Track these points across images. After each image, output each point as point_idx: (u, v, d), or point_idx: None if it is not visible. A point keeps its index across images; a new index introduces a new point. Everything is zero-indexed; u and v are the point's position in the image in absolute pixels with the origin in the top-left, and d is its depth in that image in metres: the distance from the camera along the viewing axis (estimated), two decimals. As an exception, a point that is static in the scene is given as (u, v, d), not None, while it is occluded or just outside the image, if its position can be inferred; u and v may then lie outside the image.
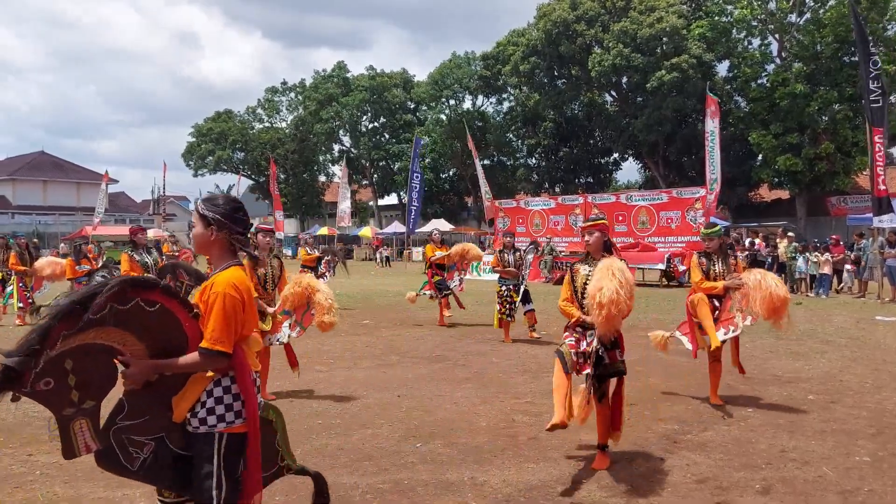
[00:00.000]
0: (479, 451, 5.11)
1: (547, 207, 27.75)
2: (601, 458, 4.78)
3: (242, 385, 2.77)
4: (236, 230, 2.90)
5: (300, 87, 57.60)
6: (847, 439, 5.38)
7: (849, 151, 31.09)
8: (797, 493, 4.30)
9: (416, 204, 32.31)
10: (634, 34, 34.46)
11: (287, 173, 56.20)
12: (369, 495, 4.28)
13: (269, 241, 6.73)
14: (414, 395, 6.88)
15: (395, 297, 18.26)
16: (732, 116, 35.37)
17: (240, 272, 2.83)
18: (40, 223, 52.27)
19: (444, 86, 48.35)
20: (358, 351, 9.62)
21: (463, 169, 48.37)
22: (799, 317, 13.42)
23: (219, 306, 2.70)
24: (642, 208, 23.83)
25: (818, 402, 6.58)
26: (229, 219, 2.89)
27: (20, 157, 65.00)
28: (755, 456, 4.99)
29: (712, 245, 6.55)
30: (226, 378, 2.77)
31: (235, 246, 2.92)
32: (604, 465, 4.72)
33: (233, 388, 2.77)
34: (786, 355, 9.10)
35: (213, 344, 2.67)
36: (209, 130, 58.22)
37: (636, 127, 36.72)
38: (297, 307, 6.53)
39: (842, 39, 30.31)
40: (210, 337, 2.67)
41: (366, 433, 5.57)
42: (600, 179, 46.61)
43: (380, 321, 13.04)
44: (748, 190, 37.87)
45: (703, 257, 6.61)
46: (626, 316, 4.58)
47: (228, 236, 2.89)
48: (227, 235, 2.89)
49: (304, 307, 6.53)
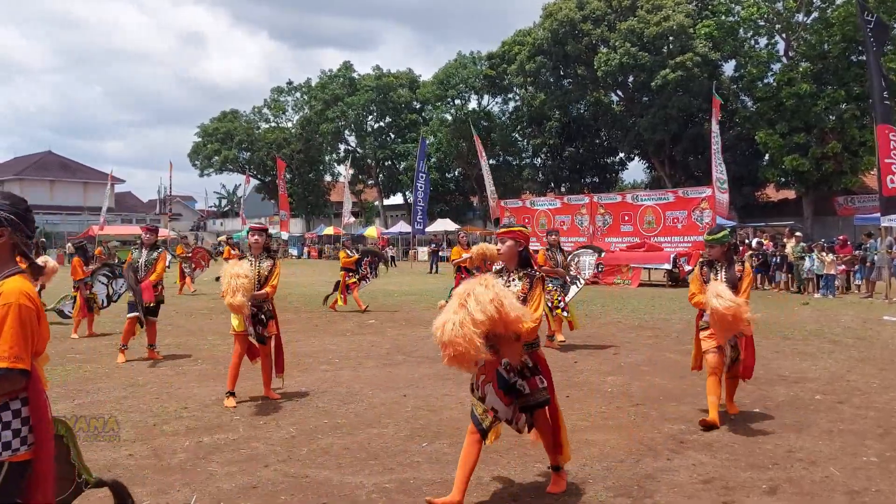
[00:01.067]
0: (485, 451, 5.08)
1: (552, 207, 27.74)
2: (556, 481, 4.34)
3: (35, 407, 2.47)
4: (27, 233, 2.62)
5: (306, 87, 57.70)
6: (854, 439, 5.36)
7: (856, 151, 30.96)
8: (804, 494, 4.28)
9: (421, 204, 32.33)
10: (641, 33, 34.41)
11: (293, 173, 56.30)
12: (375, 495, 4.28)
13: (257, 239, 6.64)
14: (419, 395, 6.88)
15: (400, 296, 18.26)
16: (739, 116, 35.28)
17: (27, 281, 2.52)
18: (47, 223, 52.50)
19: (450, 86, 48.37)
20: (363, 350, 9.63)
21: (468, 169, 48.37)
22: (806, 317, 13.38)
23: (13, 318, 2.37)
24: (648, 208, 23.80)
25: (825, 402, 6.55)
26: (22, 219, 2.60)
27: (27, 157, 65.34)
28: (762, 456, 4.97)
29: (714, 253, 5.93)
30: (16, 401, 2.45)
31: (20, 251, 2.59)
32: (559, 488, 4.29)
33: (23, 412, 2.46)
34: (792, 355, 9.06)
35: (11, 362, 2.34)
36: (215, 130, 58.43)
37: (642, 126, 36.66)
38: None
39: (849, 38, 30.18)
40: (6, 354, 2.33)
41: (371, 432, 5.57)
42: (606, 179, 46.56)
43: (385, 321, 13.04)
44: (754, 190, 37.76)
45: (705, 266, 6.03)
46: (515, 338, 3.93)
47: (18, 239, 2.58)
48: (17, 238, 2.58)
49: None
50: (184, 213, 74.34)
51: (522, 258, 4.32)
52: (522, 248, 4.33)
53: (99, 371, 8.07)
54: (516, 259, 4.30)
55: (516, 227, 4.39)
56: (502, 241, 4.35)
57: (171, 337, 10.64)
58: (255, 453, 5.04)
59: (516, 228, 4.38)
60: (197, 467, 4.72)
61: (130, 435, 5.45)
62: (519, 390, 4.17)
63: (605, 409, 6.30)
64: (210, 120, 60.51)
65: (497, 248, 4.44)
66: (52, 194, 60.78)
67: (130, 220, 57.71)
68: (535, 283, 4.20)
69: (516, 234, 4.32)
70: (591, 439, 5.35)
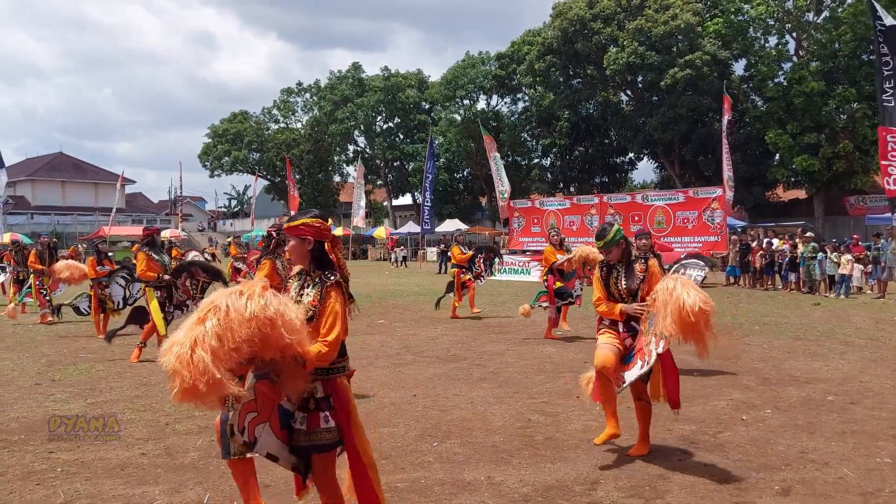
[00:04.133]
0: (496, 451, 5.11)
1: (562, 207, 27.69)
2: None
3: None
4: None
5: (315, 88, 57.86)
6: (868, 440, 5.33)
7: (867, 150, 30.77)
8: (817, 495, 4.26)
9: (428, 203, 32.35)
10: (649, 32, 34.33)
11: (302, 174, 56.47)
12: (387, 494, 4.27)
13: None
14: (430, 395, 6.89)
15: (410, 296, 18.27)
16: (749, 115, 35.11)
17: None
18: (59, 223, 52.90)
19: (458, 86, 48.40)
20: (373, 350, 9.65)
21: (477, 169, 48.37)
22: (817, 317, 13.30)
23: None
24: (658, 208, 23.74)
25: (838, 402, 6.51)
26: None
27: (39, 158, 65.83)
28: (774, 457, 4.95)
29: (613, 256, 5.03)
30: None
31: None
32: None
33: None
34: (804, 356, 9.02)
35: None
36: (225, 131, 58.65)
37: (652, 126, 36.57)
38: None
39: (860, 37, 30.01)
40: None
41: (382, 432, 5.58)
42: (616, 179, 46.48)
43: (395, 320, 13.06)
44: (765, 190, 37.60)
45: (604, 267, 5.14)
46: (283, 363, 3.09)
47: None
48: None
49: None
50: (194, 213, 74.68)
51: (316, 258, 3.37)
52: (313, 246, 3.36)
53: (112, 370, 8.12)
54: (308, 259, 3.38)
55: (300, 221, 3.38)
56: (287, 240, 3.44)
57: (183, 337, 10.67)
58: (266, 452, 5.05)
59: (299, 222, 3.37)
60: (210, 466, 4.74)
61: (143, 434, 5.49)
62: (296, 428, 3.26)
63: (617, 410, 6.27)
64: (220, 121, 60.75)
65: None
66: (64, 195, 61.22)
67: (141, 221, 57.96)
68: (326, 291, 3.24)
69: (303, 231, 3.34)
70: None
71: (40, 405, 6.45)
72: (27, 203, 58.77)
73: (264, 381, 3.21)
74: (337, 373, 3.31)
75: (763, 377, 7.64)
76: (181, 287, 9.10)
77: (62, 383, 7.37)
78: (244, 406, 3.13)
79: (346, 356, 3.39)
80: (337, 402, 3.27)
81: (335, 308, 3.22)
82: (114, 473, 4.61)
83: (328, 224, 3.44)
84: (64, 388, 7.11)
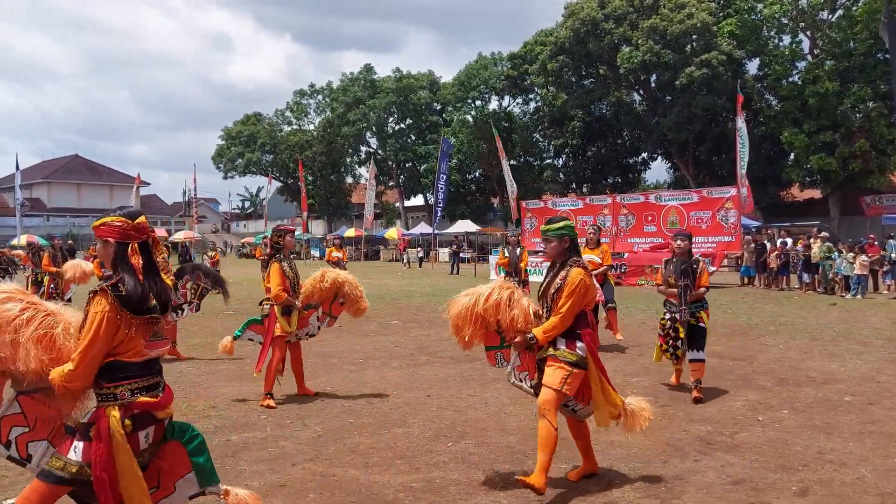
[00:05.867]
0: (511, 451, 5.11)
1: (575, 208, 27.58)
2: None
3: None
4: None
5: (328, 89, 58.08)
6: (886, 441, 5.28)
7: (884, 149, 30.50)
8: (835, 496, 4.23)
9: (441, 204, 32.39)
10: (664, 31, 34.22)
11: (315, 175, 56.69)
12: (402, 494, 4.30)
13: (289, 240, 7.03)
14: (444, 395, 6.89)
15: (422, 297, 18.29)
16: (763, 115, 34.88)
17: None
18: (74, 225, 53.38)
19: (471, 87, 48.41)
20: (388, 351, 9.67)
21: (489, 170, 48.36)
22: (834, 318, 13.20)
23: None
24: (672, 208, 23.62)
25: (855, 403, 6.46)
26: None
27: (55, 161, 66.48)
28: (791, 457, 4.92)
29: (551, 250, 4.40)
30: None
31: None
32: None
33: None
34: (820, 356, 8.95)
35: None
36: (238, 133, 59.03)
37: (665, 126, 36.43)
38: (324, 300, 6.95)
39: (875, 35, 29.75)
40: None
41: (397, 432, 5.59)
42: (629, 179, 46.31)
43: (408, 321, 13.08)
44: (779, 189, 37.34)
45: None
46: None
47: None
48: None
49: (332, 298, 6.97)
50: (208, 215, 75.12)
51: (117, 262, 2.91)
52: (115, 248, 2.91)
53: (128, 371, 8.17)
54: (111, 259, 2.93)
55: (101, 220, 2.97)
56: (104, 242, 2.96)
57: (199, 337, 10.76)
58: (282, 452, 5.09)
59: (100, 221, 2.97)
60: (226, 465, 4.77)
61: (160, 433, 5.52)
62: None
63: (631, 410, 6.26)
64: (233, 123, 61.21)
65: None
66: (79, 197, 61.77)
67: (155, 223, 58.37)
68: (91, 300, 2.79)
69: (100, 231, 2.95)
70: (618, 440, 5.32)
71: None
72: (43, 205, 59.35)
73: (33, 396, 2.90)
74: (105, 400, 2.78)
75: (779, 377, 7.60)
76: (181, 289, 9.15)
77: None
78: (5, 419, 2.86)
79: (127, 381, 2.80)
80: (95, 436, 2.74)
81: (93, 319, 2.72)
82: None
83: (136, 223, 2.95)
84: (81, 388, 7.16)
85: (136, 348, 2.80)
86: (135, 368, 2.81)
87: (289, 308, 6.63)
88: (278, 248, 6.84)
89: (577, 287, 4.20)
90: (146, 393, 2.83)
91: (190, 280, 9.28)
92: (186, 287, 9.21)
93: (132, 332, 2.77)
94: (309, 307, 6.84)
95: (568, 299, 4.18)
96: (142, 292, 2.82)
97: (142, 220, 2.99)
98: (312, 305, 6.87)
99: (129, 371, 2.79)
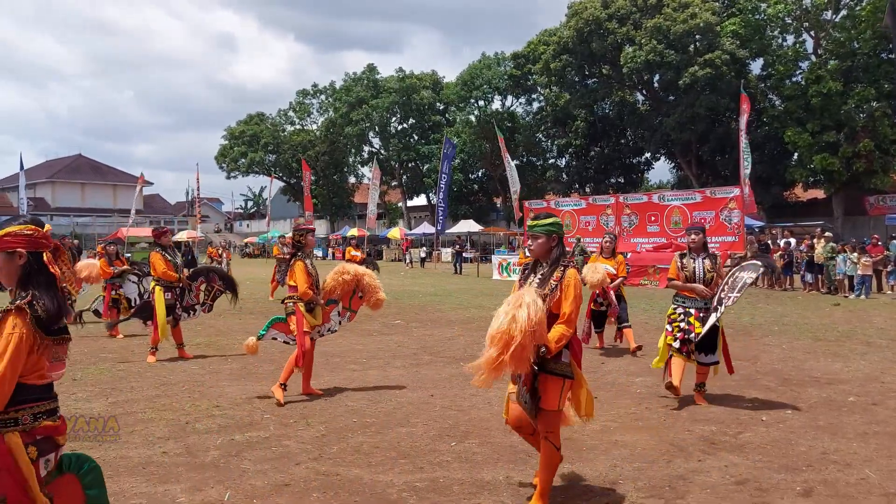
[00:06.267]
0: (514, 451, 5.10)
1: (578, 208, 27.56)
2: None
3: None
4: None
5: (331, 89, 58.10)
6: (890, 441, 5.27)
7: (887, 149, 30.43)
8: (839, 496, 4.22)
9: (442, 204, 32.38)
10: (668, 31, 34.20)
11: (318, 175, 56.72)
12: (405, 493, 4.30)
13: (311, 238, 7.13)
14: (447, 395, 6.89)
15: (425, 297, 18.30)
16: (767, 115, 34.83)
17: None
18: (78, 224, 53.46)
19: (474, 87, 48.39)
20: (391, 350, 9.67)
21: (492, 169, 48.34)
22: (838, 318, 13.17)
23: None
24: (675, 208, 23.58)
25: (859, 403, 6.45)
26: None
27: (59, 160, 66.52)
28: (795, 458, 4.91)
29: (537, 248, 4.10)
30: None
31: None
32: None
33: None
34: (824, 356, 8.94)
35: None
36: (242, 133, 59.07)
37: (668, 126, 36.40)
38: (343, 295, 7.05)
39: (879, 35, 29.69)
40: None
41: (401, 431, 5.59)
42: (632, 179, 46.27)
43: (411, 321, 13.09)
44: (783, 189, 37.29)
45: (528, 267, 4.29)
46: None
47: None
48: None
49: (351, 292, 7.08)
50: (211, 214, 75.22)
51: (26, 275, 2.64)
52: (26, 260, 2.63)
53: (131, 370, 8.19)
54: (15, 278, 2.65)
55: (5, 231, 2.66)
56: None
57: (202, 336, 10.77)
58: (286, 451, 5.09)
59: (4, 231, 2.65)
60: (230, 465, 4.78)
61: (164, 433, 5.53)
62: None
63: (635, 410, 6.26)
64: (237, 123, 61.25)
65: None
66: (83, 197, 61.80)
67: (159, 222, 58.45)
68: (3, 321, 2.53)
69: (6, 243, 2.63)
70: (622, 440, 5.33)
71: (62, 404, 6.47)
72: (47, 205, 59.39)
73: None
74: (5, 426, 2.51)
75: (783, 378, 7.59)
76: (195, 290, 9.16)
77: (83, 382, 7.44)
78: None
79: (29, 404, 2.58)
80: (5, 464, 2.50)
81: (8, 341, 2.46)
82: (135, 472, 4.65)
83: (46, 231, 2.72)
84: (85, 388, 7.18)
85: (40, 370, 2.58)
86: (37, 391, 2.60)
87: (312, 305, 6.76)
88: (300, 246, 6.96)
89: (577, 289, 3.99)
90: (47, 418, 2.65)
91: (205, 282, 9.33)
92: (200, 288, 9.26)
93: (39, 353, 2.54)
94: (330, 302, 6.98)
95: (572, 304, 3.94)
96: (58, 310, 2.60)
97: (48, 227, 2.75)
98: (334, 300, 7.01)
99: (31, 394, 2.57)
